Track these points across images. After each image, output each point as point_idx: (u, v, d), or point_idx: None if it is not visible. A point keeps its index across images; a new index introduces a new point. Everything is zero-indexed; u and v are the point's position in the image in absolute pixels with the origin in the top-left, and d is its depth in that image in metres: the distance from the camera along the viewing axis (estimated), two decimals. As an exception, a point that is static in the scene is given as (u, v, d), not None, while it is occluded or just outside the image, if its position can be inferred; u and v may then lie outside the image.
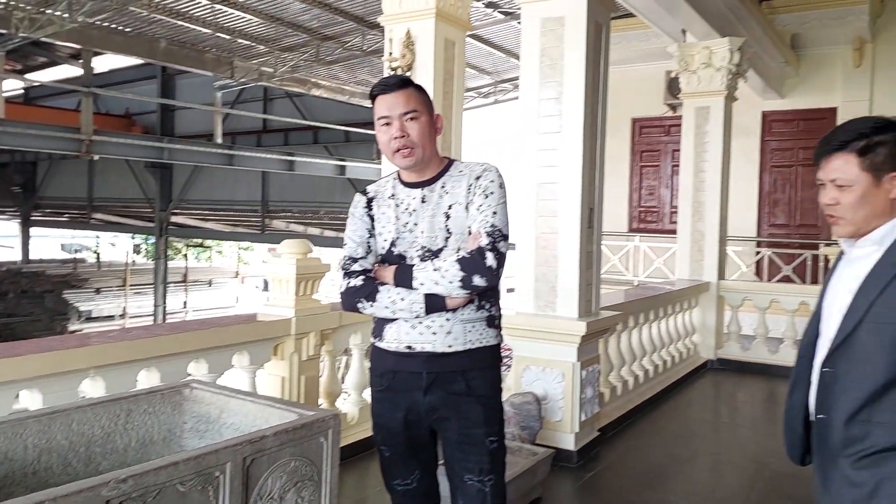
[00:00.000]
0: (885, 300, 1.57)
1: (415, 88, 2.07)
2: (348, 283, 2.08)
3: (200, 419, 2.16)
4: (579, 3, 4.05)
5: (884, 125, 1.62)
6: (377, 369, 2.15)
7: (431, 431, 2.13)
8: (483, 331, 2.06)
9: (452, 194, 2.07)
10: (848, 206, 1.64)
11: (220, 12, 10.07)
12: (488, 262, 1.96)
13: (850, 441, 1.61)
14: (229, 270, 27.90)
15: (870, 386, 1.58)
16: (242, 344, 3.51)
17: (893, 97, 9.30)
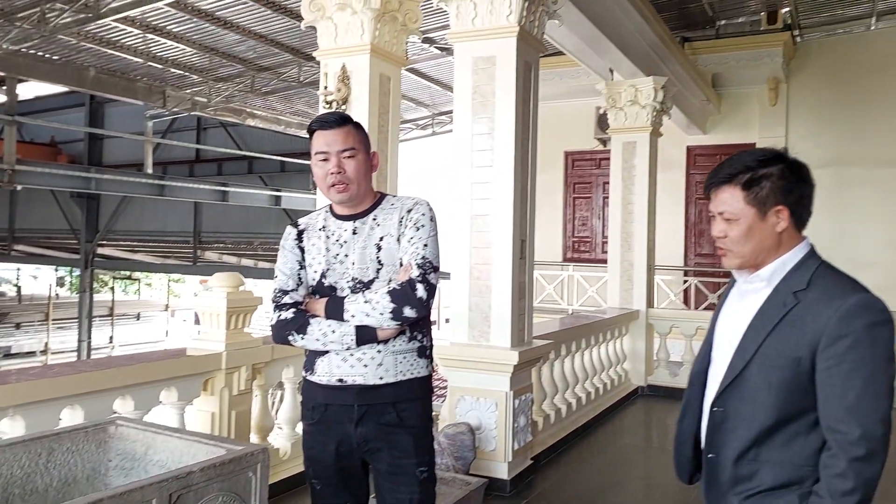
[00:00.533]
0: (773, 342, 1.58)
1: (353, 126, 2.11)
2: (279, 315, 2.08)
3: (126, 457, 2.11)
4: (509, 43, 4.19)
5: (769, 158, 1.62)
6: (308, 402, 2.14)
7: (363, 463, 2.14)
8: (414, 361, 2.10)
9: (384, 226, 2.10)
10: (735, 238, 1.64)
11: (153, 41, 9.94)
12: (419, 293, 2.00)
13: (738, 480, 1.63)
14: (159, 303, 27.13)
15: (758, 426, 1.60)
16: (171, 379, 3.43)
17: (806, 134, 9.85)
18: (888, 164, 9.41)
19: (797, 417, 1.58)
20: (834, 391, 1.52)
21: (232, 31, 9.48)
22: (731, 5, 9.03)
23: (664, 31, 6.94)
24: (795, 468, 1.58)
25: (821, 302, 1.55)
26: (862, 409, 1.49)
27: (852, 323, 1.51)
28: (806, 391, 1.56)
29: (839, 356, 1.51)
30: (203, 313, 3.78)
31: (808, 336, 1.54)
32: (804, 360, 1.54)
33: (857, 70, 9.61)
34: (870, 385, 1.50)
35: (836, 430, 1.52)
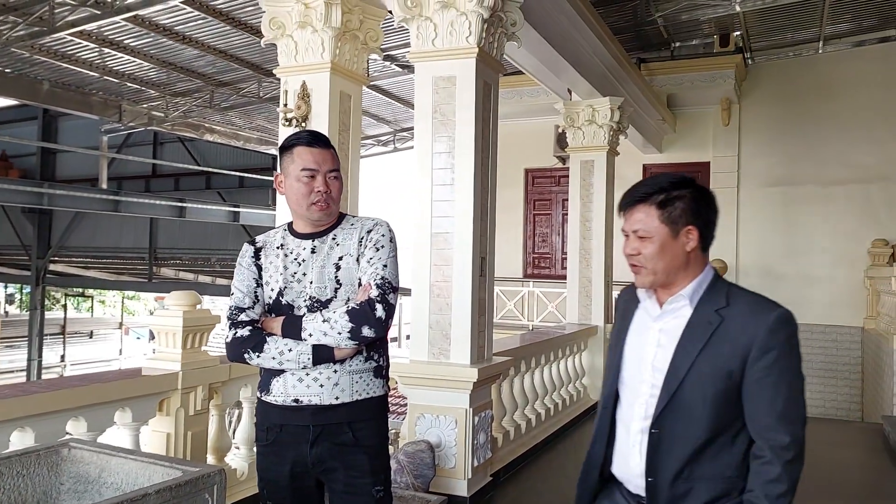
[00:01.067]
0: (706, 358, 1.65)
1: (334, 150, 2.14)
2: (234, 333, 2.07)
3: (79, 480, 2.07)
4: (468, 64, 4.25)
5: (682, 182, 1.72)
6: (262, 423, 2.13)
7: (318, 484, 2.13)
8: (370, 381, 2.09)
9: (343, 246, 2.10)
10: (648, 256, 1.71)
11: (109, 55, 9.79)
12: (378, 313, 2.00)
13: (674, 499, 1.67)
14: (112, 321, 26.49)
15: (692, 443, 1.66)
16: (125, 400, 3.37)
17: (758, 153, 10.15)
18: (836, 182, 9.74)
19: (726, 430, 1.66)
20: (764, 401, 1.62)
21: (190, 46, 9.39)
22: (686, 28, 9.28)
23: (620, 52, 7.10)
24: (725, 480, 1.66)
25: (746, 317, 1.66)
26: (789, 415, 1.62)
27: (778, 335, 1.63)
28: (734, 403, 1.65)
29: (768, 367, 1.62)
30: (159, 332, 3.72)
31: (738, 349, 1.64)
32: (735, 372, 1.64)
33: (806, 92, 9.95)
34: (794, 393, 1.65)
35: (767, 437, 1.62)
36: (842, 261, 9.68)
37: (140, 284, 19.43)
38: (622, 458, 1.79)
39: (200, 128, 12.90)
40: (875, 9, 8.89)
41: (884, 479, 5.29)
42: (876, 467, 5.63)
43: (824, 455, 5.87)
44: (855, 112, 9.68)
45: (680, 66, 9.52)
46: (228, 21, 8.58)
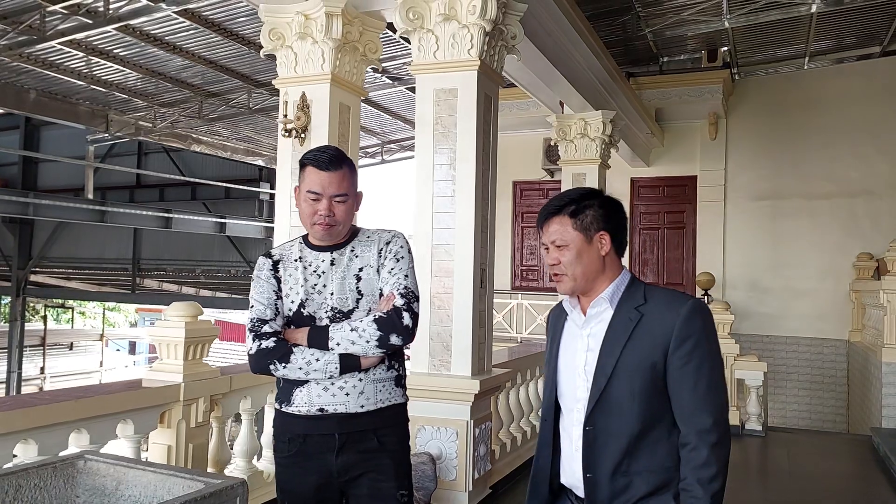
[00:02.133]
0: (629, 353, 1.73)
1: (349, 167, 2.10)
2: (259, 344, 2.06)
3: (95, 492, 2.04)
4: (470, 76, 4.28)
5: (588, 193, 1.85)
6: (283, 435, 2.12)
7: (341, 495, 2.13)
8: (392, 390, 2.13)
9: (363, 258, 2.12)
10: (567, 263, 1.81)
11: (97, 64, 9.72)
12: (405, 321, 2.04)
13: (615, 494, 1.73)
14: (93, 333, 26.13)
15: (626, 437, 1.72)
16: (127, 412, 3.33)
17: (744, 167, 10.28)
18: (821, 196, 9.87)
19: (658, 422, 1.73)
20: (686, 386, 1.71)
21: (180, 56, 9.34)
22: (674, 43, 9.40)
23: (613, 66, 7.18)
24: (664, 471, 1.73)
25: (662, 310, 1.75)
26: (711, 399, 1.71)
27: (693, 324, 1.73)
28: (662, 394, 1.73)
29: (687, 354, 1.71)
30: (160, 343, 3.68)
31: (658, 341, 1.73)
32: (658, 363, 1.72)
33: (791, 107, 10.10)
34: (714, 376, 1.73)
35: (691, 422, 1.70)
36: (827, 274, 9.80)
37: (123, 296, 19.21)
38: (568, 465, 1.84)
39: (188, 138, 12.82)
40: (859, 27, 9.06)
41: (875, 490, 5.34)
42: (866, 478, 5.69)
43: (816, 466, 5.94)
44: (839, 127, 9.84)
45: (668, 80, 9.63)
46: (220, 32, 8.56)
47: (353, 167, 2.14)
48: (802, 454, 6.22)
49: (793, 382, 9.88)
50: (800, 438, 6.97)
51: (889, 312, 6.72)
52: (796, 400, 9.91)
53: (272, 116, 11.98)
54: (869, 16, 8.72)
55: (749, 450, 6.32)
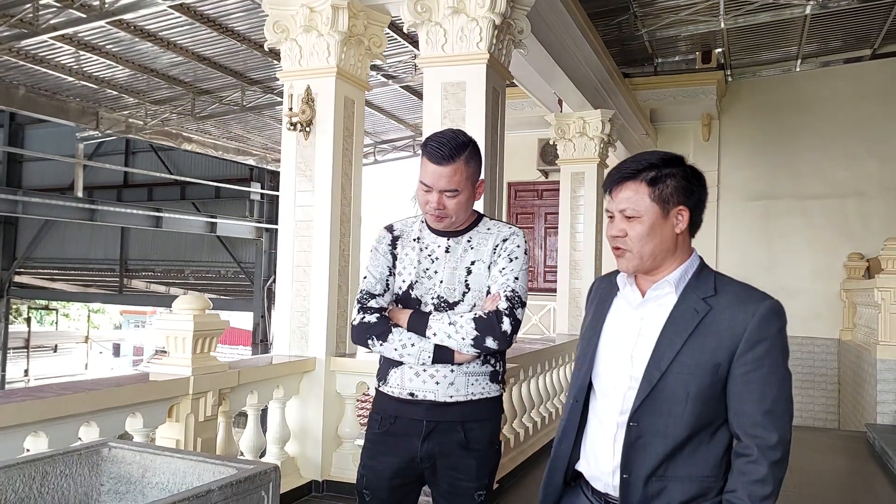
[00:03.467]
0: (690, 350, 1.55)
1: (465, 160, 2.01)
2: (362, 318, 2.07)
3: (120, 480, 2.00)
4: (479, 70, 4.27)
5: (673, 158, 1.63)
6: (377, 413, 2.13)
7: (419, 481, 2.13)
8: (486, 384, 2.08)
9: (477, 251, 2.09)
10: (636, 237, 1.60)
11: (86, 60, 9.61)
12: (504, 326, 1.99)
13: (647, 499, 1.57)
14: (77, 335, 25.89)
15: (672, 440, 1.56)
16: (137, 405, 3.28)
17: (737, 167, 10.35)
18: (813, 197, 9.97)
19: (706, 427, 1.57)
20: (752, 396, 1.53)
21: (172, 52, 9.25)
22: (669, 44, 9.45)
23: (612, 65, 7.21)
24: (701, 480, 1.56)
25: (735, 306, 1.56)
26: (778, 413, 1.53)
27: (769, 327, 1.54)
28: (718, 399, 1.56)
29: (758, 360, 1.53)
30: (168, 337, 3.63)
31: (725, 341, 1.54)
32: (722, 365, 1.54)
33: (783, 108, 10.19)
34: (784, 389, 1.55)
35: (754, 434, 1.52)
36: (819, 274, 9.89)
37: (109, 297, 19.02)
38: (592, 454, 1.68)
39: (178, 137, 12.70)
40: (850, 30, 9.15)
41: (873, 484, 5.39)
42: (863, 473, 5.74)
43: (813, 462, 5.97)
44: (830, 129, 9.94)
45: (663, 81, 9.69)
46: (214, 27, 8.49)
47: (471, 157, 2.05)
48: (799, 450, 6.20)
49: (785, 381, 9.94)
50: (795, 435, 6.90)
51: (883, 310, 6.78)
52: (788, 399, 9.98)
53: (264, 115, 11.91)
54: (860, 19, 8.82)
55: (747, 447, 6.34)
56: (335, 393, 4.46)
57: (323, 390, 4.39)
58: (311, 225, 4.56)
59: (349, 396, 4.46)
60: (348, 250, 4.67)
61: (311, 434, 4.39)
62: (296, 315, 4.55)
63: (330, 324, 4.48)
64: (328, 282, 4.48)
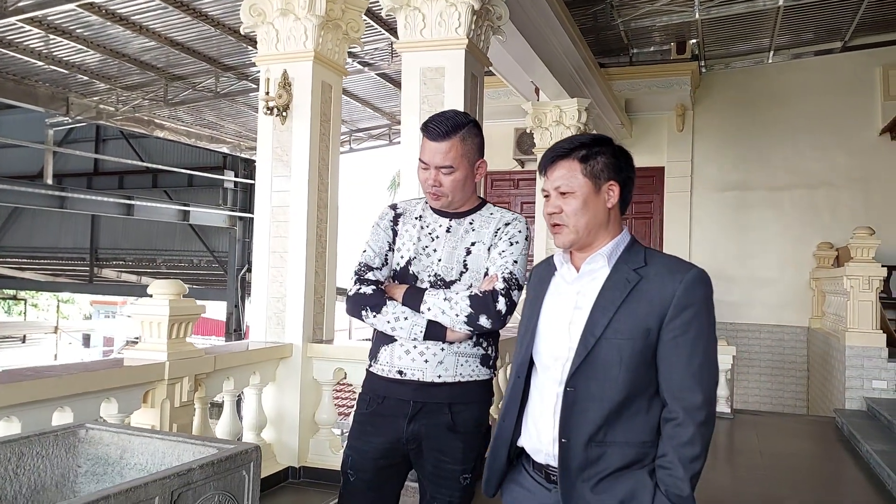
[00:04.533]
0: (623, 316, 1.62)
1: (461, 137, 2.05)
2: (358, 289, 2.09)
3: (98, 462, 1.99)
4: (458, 55, 4.26)
5: (600, 139, 1.74)
6: (365, 394, 2.14)
7: (405, 464, 2.12)
8: (475, 367, 2.09)
9: (479, 233, 2.11)
10: (571, 212, 1.68)
11: (56, 44, 9.42)
12: (499, 305, 2.00)
13: (588, 464, 1.62)
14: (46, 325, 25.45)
15: (608, 404, 1.61)
16: (111, 390, 3.24)
17: (710, 159, 10.46)
18: (784, 188, 10.11)
19: (640, 394, 1.63)
20: (680, 360, 1.60)
21: (144, 36, 9.09)
22: (644, 34, 9.50)
23: (588, 54, 7.23)
24: (639, 446, 1.63)
25: (664, 275, 1.64)
26: (704, 375, 1.61)
27: (695, 293, 1.63)
28: (650, 364, 1.63)
29: (685, 325, 1.60)
30: (143, 322, 3.59)
31: (655, 307, 1.62)
32: (653, 331, 1.62)
33: (756, 100, 10.31)
34: (709, 352, 1.64)
35: (680, 397, 1.60)
36: (789, 263, 10.05)
37: (80, 286, 18.72)
38: (534, 426, 1.74)
39: (150, 124, 12.50)
40: (821, 22, 9.28)
41: (842, 467, 5.51)
42: (832, 456, 5.86)
43: (784, 446, 6.10)
44: (800, 120, 10.07)
45: (638, 71, 9.74)
46: (187, 11, 8.36)
47: (468, 135, 2.07)
48: (770, 435, 6.37)
49: (755, 368, 10.11)
50: (766, 420, 7.14)
51: (852, 298, 6.91)
52: (758, 385, 10.15)
53: (238, 102, 11.78)
54: (831, 11, 8.94)
55: (719, 431, 6.44)
56: (312, 379, 4.44)
57: (300, 376, 4.37)
58: (288, 210, 4.53)
59: (326, 383, 4.44)
60: (325, 236, 4.65)
61: (288, 420, 4.37)
62: (272, 301, 4.52)
63: (307, 310, 4.46)
64: (305, 268, 4.45)
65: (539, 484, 1.75)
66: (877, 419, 6.35)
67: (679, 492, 1.58)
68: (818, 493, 4.82)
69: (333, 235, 4.74)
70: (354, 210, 12.78)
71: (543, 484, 1.74)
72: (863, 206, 9.73)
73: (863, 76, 9.86)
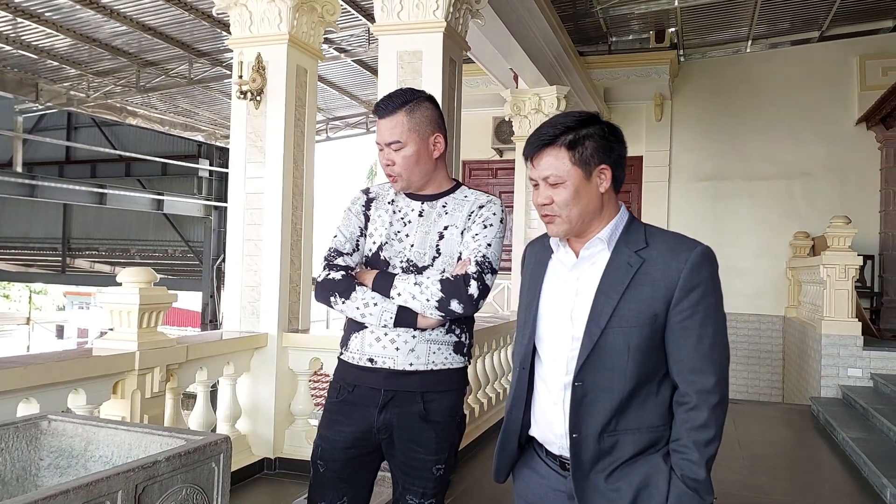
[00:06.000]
0: (628, 302, 1.56)
1: (408, 111, 1.99)
2: (327, 274, 2.02)
3: (61, 454, 1.90)
4: (435, 38, 4.18)
5: (587, 118, 1.62)
6: (337, 381, 2.08)
7: (376, 455, 2.06)
8: (448, 354, 2.02)
9: (452, 216, 2.04)
10: (562, 203, 1.60)
11: (24, 28, 9.18)
12: (471, 290, 1.93)
13: (601, 455, 1.57)
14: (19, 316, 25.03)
15: (618, 395, 1.56)
16: (80, 381, 3.14)
17: (688, 148, 10.48)
18: (761, 178, 10.15)
19: (651, 379, 1.58)
20: (689, 341, 1.55)
21: (115, 21, 8.89)
22: (623, 22, 9.47)
23: (568, 42, 7.18)
24: (651, 430, 1.58)
25: (667, 256, 1.57)
26: (715, 356, 1.55)
27: (701, 272, 1.55)
28: (659, 350, 1.58)
29: (693, 306, 1.54)
30: (112, 311, 3.49)
31: (661, 290, 1.55)
32: (660, 315, 1.55)
33: (734, 90, 10.33)
34: (719, 332, 1.57)
35: (692, 380, 1.55)
36: (765, 253, 10.11)
37: (52, 276, 18.40)
38: (543, 418, 1.68)
39: (122, 111, 12.27)
40: (799, 12, 9.31)
41: (818, 453, 5.55)
42: (809, 443, 5.90)
43: (761, 434, 6.13)
44: (777, 110, 10.12)
45: (617, 60, 9.71)
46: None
47: (416, 108, 2.01)
48: (748, 423, 6.40)
49: (732, 357, 10.06)
50: (743, 408, 7.18)
51: (829, 286, 6.95)
52: (735, 374, 10.21)
53: (213, 89, 11.59)
54: (808, 1, 8.96)
55: (697, 420, 6.47)
56: (288, 369, 4.37)
57: (275, 366, 4.30)
58: (262, 197, 4.43)
59: (302, 373, 4.37)
60: (301, 224, 4.56)
61: (263, 411, 4.30)
62: (246, 290, 4.43)
63: (282, 299, 4.37)
64: (280, 256, 4.37)
65: (553, 471, 1.69)
66: (852, 407, 6.41)
67: (695, 476, 1.53)
68: (795, 481, 4.84)
69: (309, 223, 4.65)
70: (332, 200, 12.64)
71: (558, 471, 1.68)
72: (839, 195, 9.81)
73: (840, 66, 9.91)
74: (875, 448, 4.98)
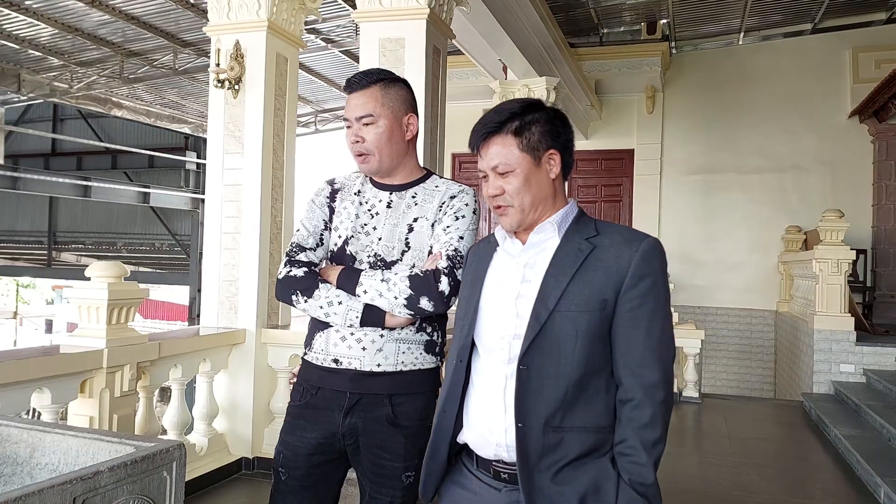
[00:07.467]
0: (578, 285, 1.50)
1: (382, 86, 1.89)
2: (289, 271, 1.89)
3: (6, 461, 1.77)
4: (419, 26, 4.06)
5: (532, 104, 1.59)
6: (301, 384, 1.95)
7: (341, 462, 1.93)
8: (419, 354, 1.89)
9: (422, 207, 1.92)
10: (513, 191, 1.55)
11: (5, 17, 8.99)
12: (441, 286, 1.80)
13: (545, 451, 1.48)
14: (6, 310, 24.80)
15: (565, 383, 1.48)
16: (44, 379, 3.02)
17: (680, 141, 10.39)
18: (752, 171, 10.07)
19: (597, 374, 1.50)
20: (638, 333, 1.49)
21: (98, 10, 8.71)
22: (614, 14, 9.35)
23: (557, 33, 7.06)
24: (598, 431, 1.50)
25: (619, 244, 1.53)
26: (662, 350, 1.50)
27: (652, 262, 1.51)
28: (605, 340, 1.51)
29: (643, 296, 1.49)
30: (80, 306, 3.36)
31: (612, 276, 1.50)
32: (609, 301, 1.49)
33: (725, 82, 10.24)
34: (666, 326, 1.52)
35: (639, 373, 1.48)
36: (757, 247, 10.04)
37: (38, 270, 18.20)
38: (479, 416, 1.57)
39: (108, 102, 12.08)
40: (791, 4, 9.21)
41: (810, 450, 5.47)
42: (800, 440, 5.82)
43: (752, 430, 6.05)
44: (770, 103, 10.03)
45: (608, 52, 9.59)
46: (142, -17, 8.02)
47: (390, 85, 1.91)
48: (738, 419, 6.33)
49: (723, 352, 10.12)
50: (734, 405, 7.11)
51: (821, 281, 6.87)
52: (726, 369, 10.16)
53: (199, 80, 11.40)
54: (802, -7, 8.88)
55: (687, 416, 6.39)
56: (266, 366, 4.25)
57: (254, 363, 4.18)
58: (241, 189, 4.31)
59: (281, 370, 4.25)
60: (281, 216, 4.43)
61: (241, 409, 4.18)
62: (224, 285, 4.30)
63: (261, 294, 4.25)
64: (259, 250, 4.24)
65: (486, 484, 1.58)
66: (844, 403, 6.33)
67: (643, 479, 1.45)
68: (787, 478, 4.76)
69: (290, 215, 4.53)
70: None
71: (491, 484, 1.57)
72: (831, 189, 9.74)
73: (832, 59, 9.83)
74: (868, 446, 4.91)
